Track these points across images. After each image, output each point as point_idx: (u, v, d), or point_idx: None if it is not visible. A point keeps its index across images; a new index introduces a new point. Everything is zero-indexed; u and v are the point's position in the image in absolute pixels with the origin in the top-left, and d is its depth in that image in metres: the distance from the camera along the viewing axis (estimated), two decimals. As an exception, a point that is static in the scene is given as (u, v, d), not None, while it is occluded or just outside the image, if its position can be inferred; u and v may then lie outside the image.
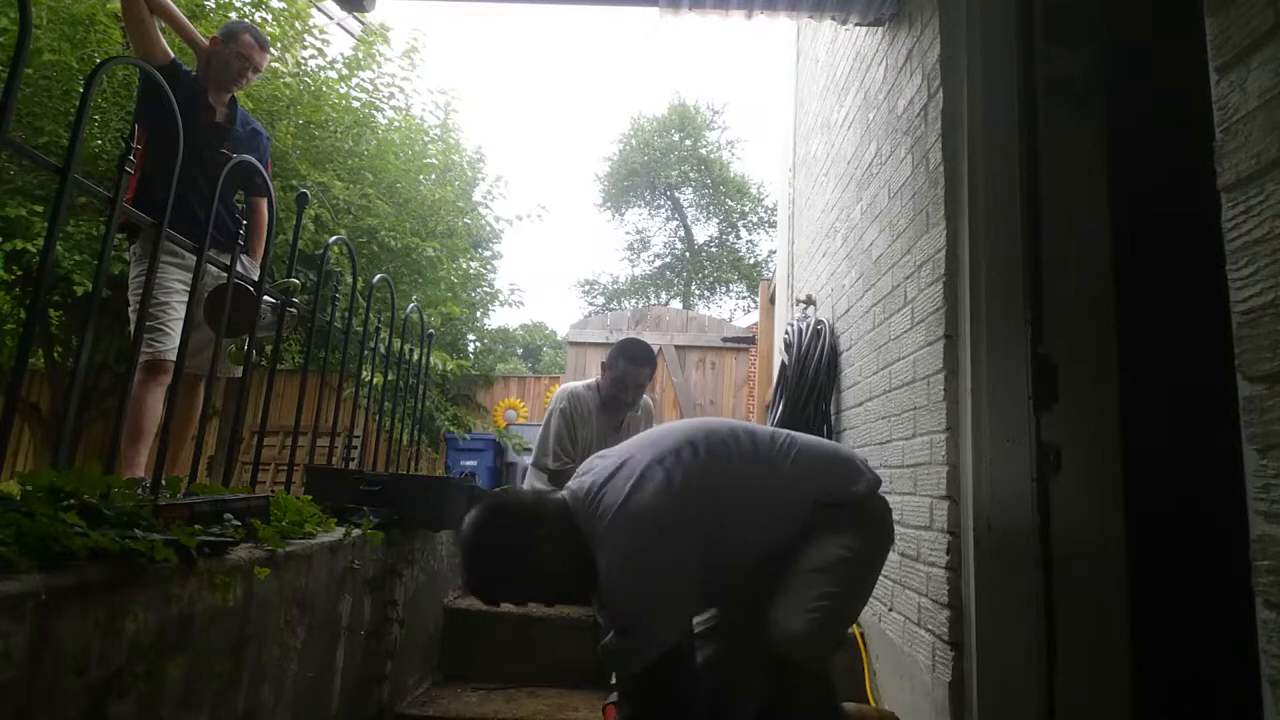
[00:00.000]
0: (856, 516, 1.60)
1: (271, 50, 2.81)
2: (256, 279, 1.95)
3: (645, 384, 2.97)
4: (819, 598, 1.47)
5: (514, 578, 1.51)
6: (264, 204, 2.82)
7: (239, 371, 2.32)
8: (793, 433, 1.70)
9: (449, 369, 7.07)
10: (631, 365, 2.87)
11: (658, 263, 19.97)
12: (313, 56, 6.27)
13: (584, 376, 4.54)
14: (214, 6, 5.37)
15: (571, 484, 1.62)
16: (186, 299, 1.63)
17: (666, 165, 18.95)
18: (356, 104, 6.60)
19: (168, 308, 2.45)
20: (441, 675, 2.41)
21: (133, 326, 2.43)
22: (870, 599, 2.33)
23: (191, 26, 2.74)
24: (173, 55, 2.65)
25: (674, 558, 1.45)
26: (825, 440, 1.87)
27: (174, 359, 1.92)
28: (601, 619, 2.05)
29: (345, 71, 6.49)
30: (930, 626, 1.85)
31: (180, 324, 2.33)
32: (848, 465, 1.67)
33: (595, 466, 1.62)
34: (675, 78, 39.76)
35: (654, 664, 1.43)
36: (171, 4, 2.63)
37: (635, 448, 1.60)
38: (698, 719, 1.54)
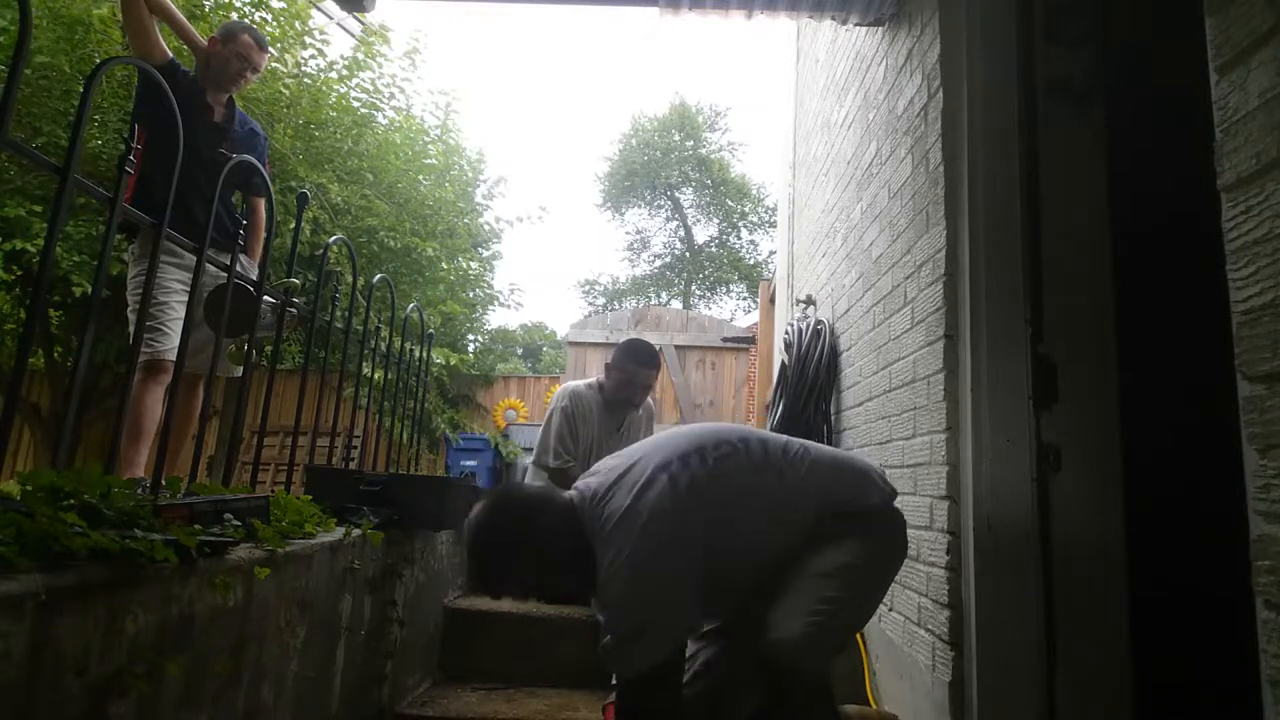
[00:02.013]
0: (866, 526, 1.59)
1: (270, 50, 2.81)
2: (255, 278, 1.95)
3: (652, 385, 2.99)
4: (819, 603, 1.47)
5: (516, 570, 1.53)
6: (262, 204, 2.84)
7: (239, 371, 2.33)
8: (808, 443, 1.69)
9: (452, 363, 7.08)
10: (640, 367, 2.89)
11: (658, 263, 19.98)
12: (313, 57, 6.27)
13: (584, 376, 4.54)
14: (213, 6, 5.37)
15: (579, 484, 1.64)
16: (185, 299, 1.63)
17: (667, 165, 18.95)
18: (357, 104, 6.60)
19: (166, 308, 2.45)
20: (442, 675, 2.41)
21: (132, 326, 2.43)
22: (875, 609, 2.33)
23: (190, 27, 2.74)
24: (171, 55, 2.65)
25: (676, 565, 1.46)
26: (841, 451, 1.86)
27: (173, 359, 1.93)
28: (602, 619, 2.05)
29: (345, 72, 6.49)
30: (930, 626, 1.85)
31: (179, 324, 2.33)
32: (863, 477, 1.66)
33: (603, 468, 1.63)
34: (676, 78, 39.79)
35: (651, 670, 1.43)
36: (171, 4, 2.63)
37: (643, 452, 1.61)
38: None
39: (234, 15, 5.50)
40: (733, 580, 1.58)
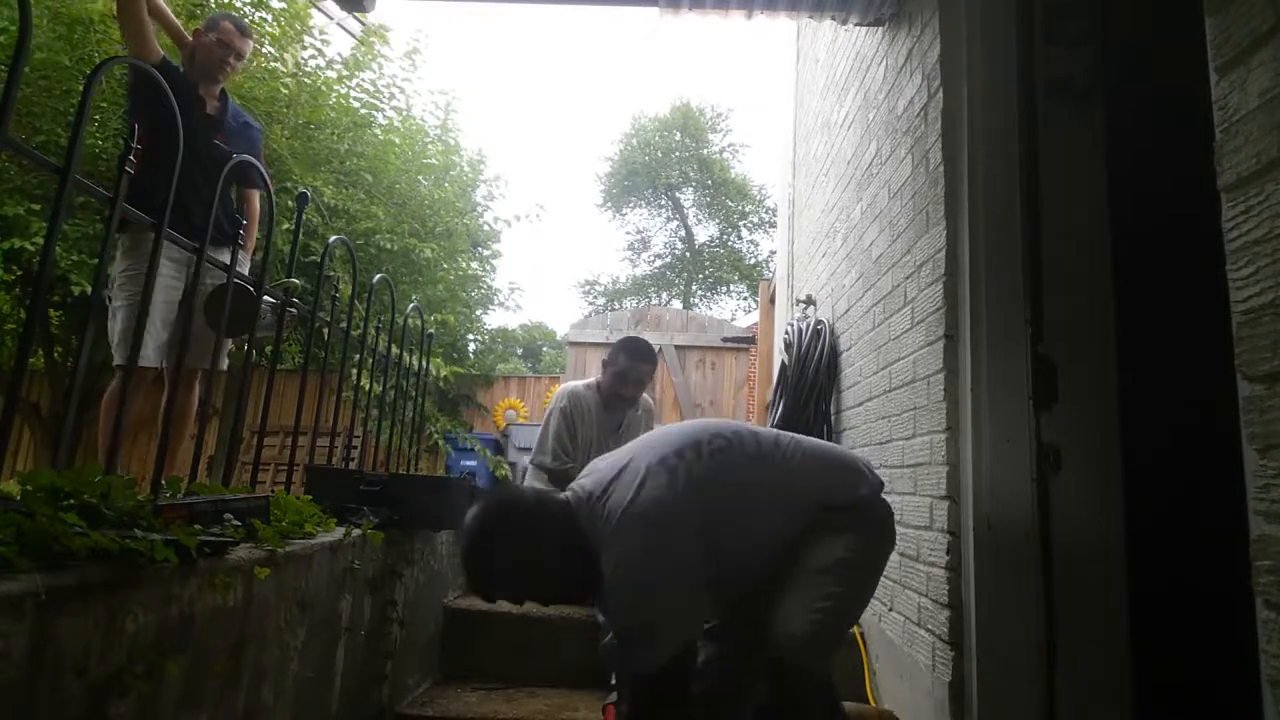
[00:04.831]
0: (858, 518, 1.60)
1: (252, 38, 2.82)
2: (247, 272, 1.94)
3: (646, 380, 2.98)
4: (821, 599, 1.47)
5: (513, 577, 1.52)
6: (257, 196, 2.91)
7: (224, 363, 2.31)
8: (797, 435, 1.70)
9: (443, 375, 7.02)
10: (632, 360, 2.89)
11: (658, 263, 19.98)
12: (313, 57, 6.26)
13: (584, 376, 4.54)
14: (213, 6, 5.37)
15: (574, 485, 1.63)
16: (167, 296, 1.62)
17: (668, 165, 18.95)
18: (356, 104, 6.59)
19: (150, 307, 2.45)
20: (441, 675, 2.41)
21: (112, 321, 2.44)
22: (870, 599, 2.33)
23: (179, 24, 2.78)
24: (163, 54, 2.68)
25: (680, 560, 1.45)
26: (829, 443, 1.87)
27: (150, 364, 1.94)
28: (603, 618, 2.04)
29: (345, 72, 6.48)
30: (930, 626, 1.85)
31: (159, 322, 2.33)
32: (851, 469, 1.66)
33: (598, 469, 1.63)
34: (677, 78, 39.76)
35: (662, 668, 1.42)
36: (164, 5, 2.67)
37: (638, 449, 1.61)
38: None
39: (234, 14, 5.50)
40: (733, 575, 1.57)
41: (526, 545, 1.50)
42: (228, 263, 1.74)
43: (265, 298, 1.90)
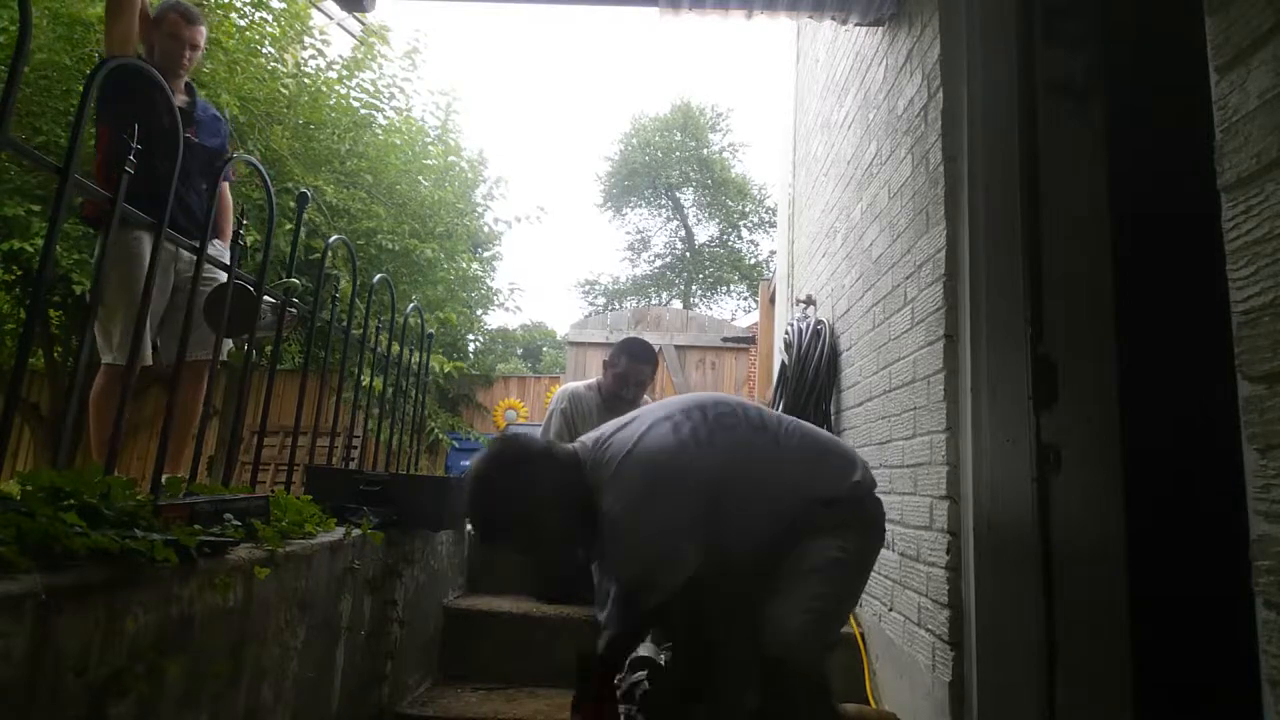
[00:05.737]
0: (851, 517, 1.60)
1: (201, 26, 2.77)
2: (226, 261, 1.94)
3: (647, 381, 2.98)
4: (813, 598, 1.48)
5: (516, 516, 1.54)
6: (228, 187, 2.99)
7: (224, 354, 2.31)
8: (800, 421, 1.73)
9: (447, 370, 7.05)
10: (633, 361, 2.90)
11: (658, 263, 19.98)
12: (313, 57, 6.27)
13: (584, 376, 4.54)
14: (212, 6, 5.37)
15: (583, 437, 1.67)
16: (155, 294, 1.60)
17: (668, 165, 18.95)
18: (356, 104, 6.59)
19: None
20: (441, 675, 2.41)
21: (93, 318, 2.44)
22: (870, 599, 2.34)
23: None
24: (140, 53, 2.69)
25: (676, 507, 1.49)
26: (827, 432, 1.89)
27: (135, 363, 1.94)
28: (597, 575, 2.05)
29: (345, 72, 6.48)
30: (930, 626, 1.85)
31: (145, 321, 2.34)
32: (846, 456, 1.69)
33: (607, 426, 1.66)
34: (677, 78, 39.82)
35: (654, 609, 1.47)
36: (147, 7, 2.69)
37: (644, 410, 1.67)
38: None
39: (234, 15, 5.51)
40: (730, 541, 1.58)
41: (530, 485, 1.52)
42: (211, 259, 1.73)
43: (265, 298, 1.90)
